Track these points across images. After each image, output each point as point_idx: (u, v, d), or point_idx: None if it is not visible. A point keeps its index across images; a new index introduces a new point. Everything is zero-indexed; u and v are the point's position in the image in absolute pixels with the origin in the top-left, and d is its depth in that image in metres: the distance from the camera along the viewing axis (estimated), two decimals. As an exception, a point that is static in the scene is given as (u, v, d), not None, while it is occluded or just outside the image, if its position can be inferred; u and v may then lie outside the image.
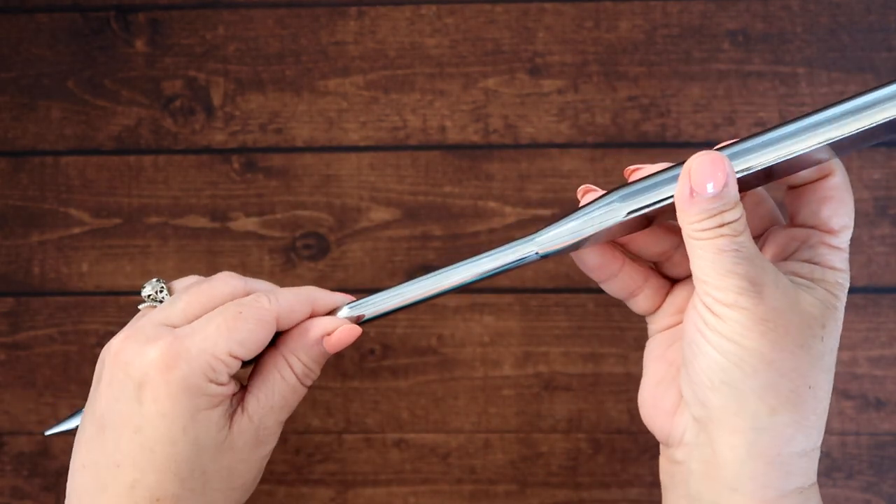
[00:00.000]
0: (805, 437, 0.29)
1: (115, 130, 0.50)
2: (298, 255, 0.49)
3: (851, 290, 0.48)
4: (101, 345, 0.49)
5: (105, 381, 0.31)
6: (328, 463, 0.48)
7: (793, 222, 0.31)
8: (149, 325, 0.32)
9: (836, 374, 0.48)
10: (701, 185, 0.27)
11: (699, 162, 0.27)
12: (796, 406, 0.28)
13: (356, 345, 0.49)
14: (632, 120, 0.49)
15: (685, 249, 0.30)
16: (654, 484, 0.48)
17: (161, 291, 0.34)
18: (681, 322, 0.32)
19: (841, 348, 0.48)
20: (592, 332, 0.48)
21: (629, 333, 0.48)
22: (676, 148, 0.49)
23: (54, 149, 0.50)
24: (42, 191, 0.50)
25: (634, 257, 0.33)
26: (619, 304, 0.50)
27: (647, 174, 0.30)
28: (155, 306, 0.34)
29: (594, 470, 0.48)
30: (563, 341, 0.48)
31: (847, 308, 0.48)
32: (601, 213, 0.30)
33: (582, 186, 0.32)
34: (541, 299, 0.48)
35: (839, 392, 0.48)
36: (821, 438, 0.29)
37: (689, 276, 0.32)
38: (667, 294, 0.33)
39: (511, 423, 0.48)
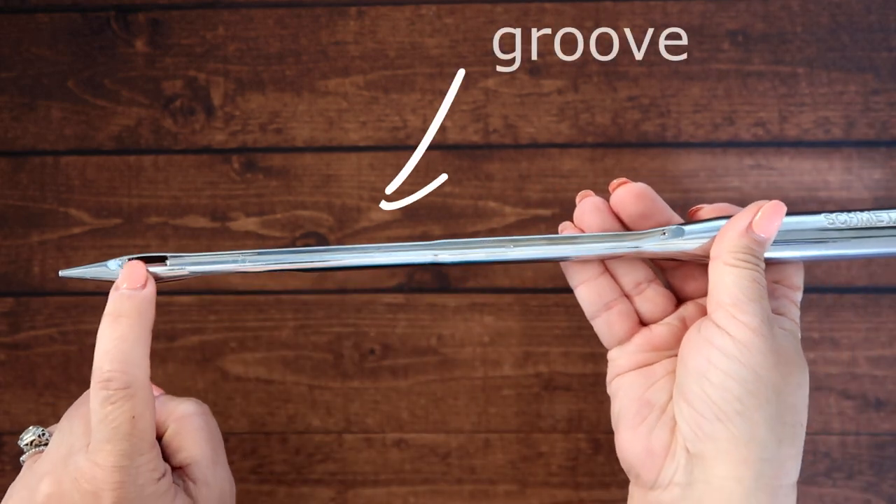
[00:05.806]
0: (795, 471, 0.30)
1: (115, 130, 0.50)
2: (298, 255, 0.49)
3: (851, 290, 0.48)
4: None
5: None
6: (328, 463, 0.48)
7: None
8: None
9: (836, 374, 0.48)
10: (760, 227, 0.30)
11: (770, 207, 0.30)
12: (793, 440, 0.30)
13: (356, 345, 0.49)
14: (632, 120, 0.49)
15: (658, 286, 0.34)
16: (654, 484, 0.48)
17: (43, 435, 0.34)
18: (652, 362, 0.33)
19: (841, 348, 0.48)
20: (592, 332, 0.48)
21: (629, 333, 0.48)
22: (676, 148, 0.49)
23: (54, 149, 0.50)
24: (42, 191, 0.50)
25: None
26: (619, 304, 0.50)
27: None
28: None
29: (594, 470, 0.48)
30: (563, 341, 0.48)
31: (847, 308, 0.48)
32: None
33: (581, 192, 0.34)
34: (541, 299, 0.48)
35: (839, 392, 0.48)
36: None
37: (659, 318, 0.34)
38: (636, 327, 0.34)
39: (511, 423, 0.48)
